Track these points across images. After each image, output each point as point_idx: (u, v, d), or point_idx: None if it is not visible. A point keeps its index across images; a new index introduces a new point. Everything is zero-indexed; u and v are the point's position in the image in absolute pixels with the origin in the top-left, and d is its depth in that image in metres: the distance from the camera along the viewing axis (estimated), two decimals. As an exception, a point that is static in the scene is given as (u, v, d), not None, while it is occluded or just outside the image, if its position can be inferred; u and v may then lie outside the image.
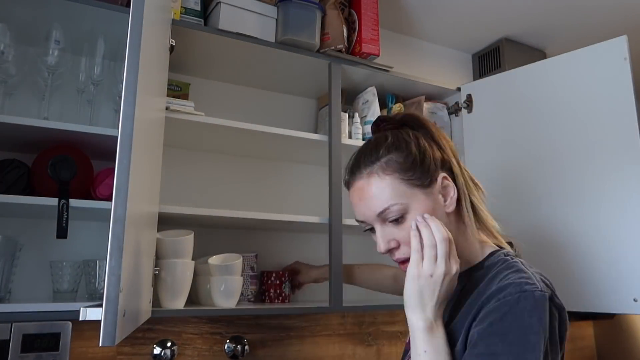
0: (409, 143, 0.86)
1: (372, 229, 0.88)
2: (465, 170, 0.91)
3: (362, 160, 0.87)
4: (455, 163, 0.89)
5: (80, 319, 0.75)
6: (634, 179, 1.40)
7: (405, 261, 0.84)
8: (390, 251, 0.86)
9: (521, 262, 0.83)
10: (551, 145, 1.60)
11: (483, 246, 0.90)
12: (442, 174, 0.86)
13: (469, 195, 0.88)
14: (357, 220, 0.91)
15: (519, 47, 2.24)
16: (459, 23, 2.10)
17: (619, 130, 1.44)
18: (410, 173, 0.83)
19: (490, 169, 1.75)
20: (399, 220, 0.83)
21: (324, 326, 1.76)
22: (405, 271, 0.83)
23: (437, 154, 0.87)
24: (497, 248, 0.90)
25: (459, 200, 0.87)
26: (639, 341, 2.46)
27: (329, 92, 1.60)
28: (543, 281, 0.79)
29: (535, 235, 1.60)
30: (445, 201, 0.86)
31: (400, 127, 0.92)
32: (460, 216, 0.88)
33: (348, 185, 0.91)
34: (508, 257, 0.85)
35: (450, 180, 0.87)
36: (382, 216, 0.84)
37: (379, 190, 0.84)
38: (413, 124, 0.92)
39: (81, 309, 0.76)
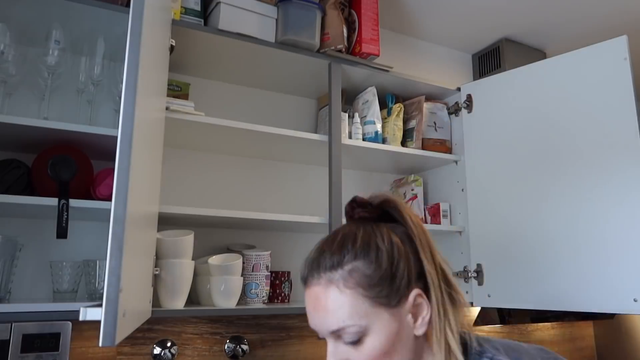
0: (380, 252, 0.73)
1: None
2: (440, 272, 0.76)
3: (323, 260, 0.74)
4: (431, 268, 0.74)
5: (80, 319, 0.75)
6: (633, 178, 1.40)
7: None
8: None
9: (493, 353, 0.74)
10: (551, 146, 1.60)
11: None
12: (416, 291, 0.73)
13: (444, 318, 0.73)
14: (311, 326, 0.78)
15: (519, 47, 2.24)
16: (459, 23, 2.10)
17: (619, 130, 1.44)
18: (378, 290, 0.71)
19: (490, 169, 1.75)
20: (355, 342, 0.70)
21: (324, 326, 1.76)
22: None
23: (412, 264, 0.74)
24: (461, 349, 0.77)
25: (430, 322, 0.74)
26: (639, 341, 2.46)
27: (329, 92, 1.60)
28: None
29: (535, 234, 1.60)
30: (415, 322, 0.73)
31: (376, 218, 0.79)
32: (429, 339, 0.75)
33: (305, 282, 0.78)
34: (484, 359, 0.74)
35: (425, 298, 0.74)
36: (337, 334, 0.72)
37: (336, 305, 0.71)
38: (393, 213, 0.79)
39: (81, 309, 0.76)
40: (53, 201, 1.16)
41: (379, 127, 1.73)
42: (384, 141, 1.76)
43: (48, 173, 1.20)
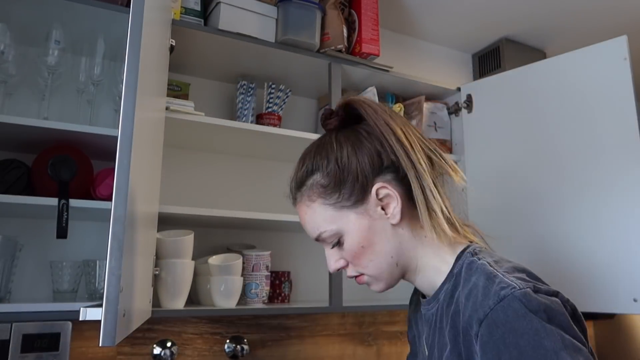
0: (329, 161, 0.78)
1: None
2: (420, 150, 0.76)
3: (293, 182, 0.83)
4: (403, 154, 0.75)
5: (80, 319, 0.75)
6: (634, 179, 1.40)
7: (356, 277, 0.80)
8: (338, 270, 0.81)
9: (487, 261, 0.71)
10: (551, 146, 1.60)
11: (452, 247, 0.78)
12: (377, 185, 0.75)
13: (425, 191, 0.74)
14: None
15: (519, 47, 2.24)
16: (459, 23, 2.10)
17: (619, 131, 1.44)
18: (335, 196, 0.76)
19: (490, 169, 1.75)
20: (336, 244, 0.78)
21: (324, 326, 1.76)
22: (361, 283, 0.80)
23: (373, 159, 0.76)
24: (465, 244, 0.78)
25: (412, 201, 0.76)
26: (639, 341, 2.46)
27: (329, 92, 1.60)
28: (520, 274, 0.67)
29: (535, 234, 1.60)
30: (387, 213, 0.76)
31: (339, 124, 0.83)
32: (416, 220, 0.77)
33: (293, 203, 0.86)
34: (474, 258, 0.72)
35: (390, 187, 0.75)
36: (320, 240, 0.80)
37: (309, 217, 0.80)
38: (353, 114, 0.81)
39: (81, 309, 0.76)
40: (53, 201, 1.15)
41: (379, 127, 1.73)
42: (384, 141, 1.76)
43: (48, 173, 1.20)
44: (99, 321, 0.70)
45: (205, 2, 1.53)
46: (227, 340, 1.57)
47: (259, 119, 1.62)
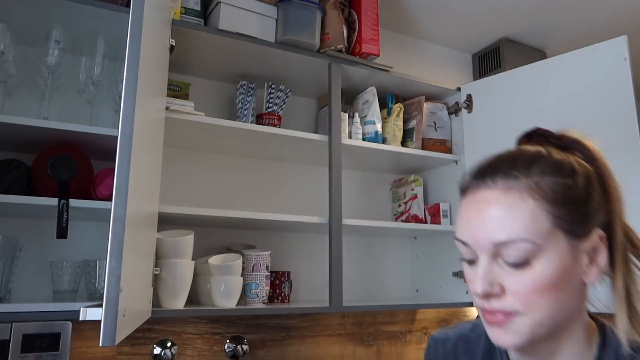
0: (575, 173, 0.63)
1: (472, 261, 0.63)
2: (631, 235, 0.66)
3: (502, 167, 0.63)
4: (619, 225, 0.65)
5: (81, 319, 0.76)
6: (634, 179, 1.40)
7: (499, 313, 0.60)
8: (486, 296, 0.61)
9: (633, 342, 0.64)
10: (551, 145, 1.60)
11: (588, 321, 0.68)
12: (600, 232, 0.62)
13: (623, 272, 0.64)
14: (459, 240, 0.65)
15: (519, 47, 2.24)
16: (459, 23, 2.10)
17: (619, 131, 1.44)
18: (564, 210, 0.60)
19: (490, 169, 1.75)
20: (519, 264, 0.59)
21: (324, 326, 1.76)
22: (493, 324, 0.61)
23: (603, 205, 0.65)
24: (600, 323, 0.70)
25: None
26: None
27: (329, 92, 1.60)
28: None
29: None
30: (590, 264, 0.62)
31: (565, 148, 0.68)
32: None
33: (466, 190, 0.67)
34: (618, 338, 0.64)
35: (606, 245, 0.63)
36: (500, 249, 0.60)
37: (512, 213, 0.59)
38: (584, 152, 0.68)
39: (81, 309, 0.76)
40: (53, 201, 1.15)
41: (379, 127, 1.73)
42: (384, 141, 1.76)
43: (48, 173, 1.20)
44: (99, 321, 0.70)
45: (205, 2, 1.53)
46: (227, 340, 1.57)
47: (259, 119, 1.62)
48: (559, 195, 0.60)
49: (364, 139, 1.71)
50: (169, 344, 1.46)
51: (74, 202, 1.18)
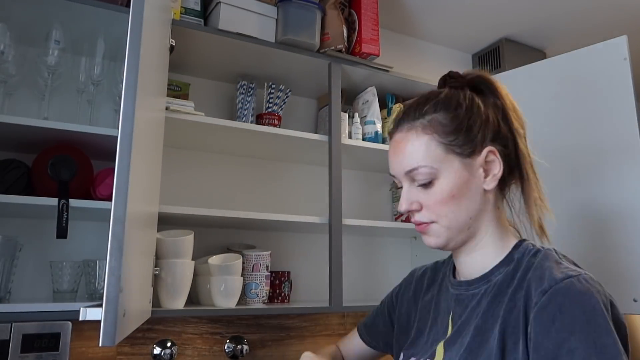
0: (460, 105, 0.79)
1: (401, 187, 0.83)
2: (529, 156, 0.82)
3: (407, 113, 0.82)
4: (517, 142, 0.80)
5: (80, 319, 0.75)
6: (633, 179, 1.40)
7: (422, 224, 0.80)
8: (410, 212, 0.81)
9: (555, 250, 0.77)
10: (551, 146, 1.60)
11: (509, 235, 0.82)
12: (490, 148, 0.78)
13: (521, 179, 0.80)
14: (390, 174, 0.85)
15: (519, 47, 2.24)
16: (459, 23, 2.10)
17: (619, 131, 1.44)
18: (452, 138, 0.77)
19: (490, 169, 1.75)
20: (426, 184, 0.78)
21: (324, 326, 1.76)
22: (421, 232, 0.81)
23: (493, 125, 0.79)
24: (521, 239, 0.83)
25: (503, 181, 0.81)
26: (639, 341, 2.46)
27: (329, 92, 1.60)
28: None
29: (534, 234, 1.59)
30: (485, 177, 0.78)
31: (464, 87, 0.84)
32: (500, 198, 0.82)
33: (390, 136, 0.86)
34: (539, 248, 0.78)
35: (498, 157, 0.78)
36: (410, 175, 0.79)
37: (413, 148, 0.78)
38: (483, 87, 0.83)
39: (81, 309, 0.76)
40: (53, 201, 1.15)
41: (379, 127, 1.73)
42: (384, 141, 1.76)
43: (48, 173, 1.20)
44: (99, 321, 0.70)
45: (205, 2, 1.53)
46: (227, 340, 1.57)
47: (259, 119, 1.62)
48: (446, 127, 0.77)
49: (364, 139, 1.71)
50: (168, 344, 1.46)
51: (74, 202, 1.18)
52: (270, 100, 1.65)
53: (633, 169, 1.40)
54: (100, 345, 0.68)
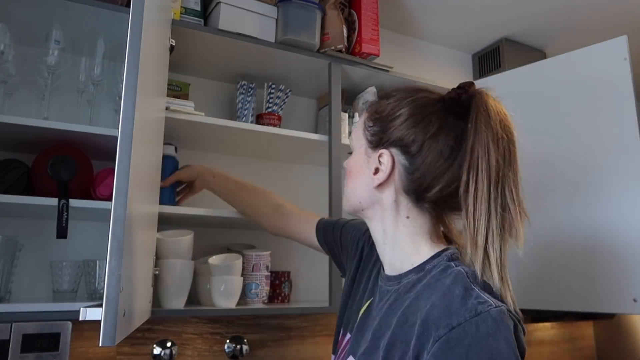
0: (394, 101, 0.81)
1: None
2: (484, 193, 0.72)
3: (381, 93, 0.89)
4: (469, 177, 0.72)
5: (80, 319, 0.75)
6: (633, 179, 1.40)
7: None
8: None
9: (464, 270, 0.71)
10: (551, 146, 1.60)
11: (430, 246, 0.78)
12: (385, 151, 0.78)
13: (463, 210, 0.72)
14: None
15: (519, 47, 2.24)
16: (459, 23, 2.10)
17: (619, 131, 1.44)
18: (371, 124, 0.83)
19: (490, 169, 1.75)
20: (349, 153, 0.87)
21: (324, 326, 1.76)
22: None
23: (407, 135, 0.76)
24: (443, 246, 0.78)
25: (417, 195, 0.77)
26: (639, 341, 2.46)
27: (329, 92, 1.60)
28: (488, 290, 0.68)
29: (534, 234, 1.59)
30: (374, 174, 0.80)
31: (450, 98, 0.80)
32: (416, 209, 0.78)
33: None
34: (451, 263, 0.73)
35: (388, 164, 0.77)
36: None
37: (359, 119, 0.88)
38: (472, 108, 0.77)
39: (81, 309, 0.76)
40: (53, 201, 1.15)
41: (379, 127, 1.73)
42: (384, 141, 1.76)
43: (48, 173, 1.20)
44: (99, 321, 0.70)
45: (205, 2, 1.53)
46: (227, 340, 1.57)
47: (259, 119, 1.62)
48: (374, 114, 0.83)
49: (364, 139, 1.70)
50: (168, 344, 1.46)
51: (74, 202, 1.18)
52: (270, 100, 1.65)
53: (633, 169, 1.40)
54: (100, 345, 0.68)
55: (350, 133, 1.68)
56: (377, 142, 0.81)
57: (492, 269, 0.71)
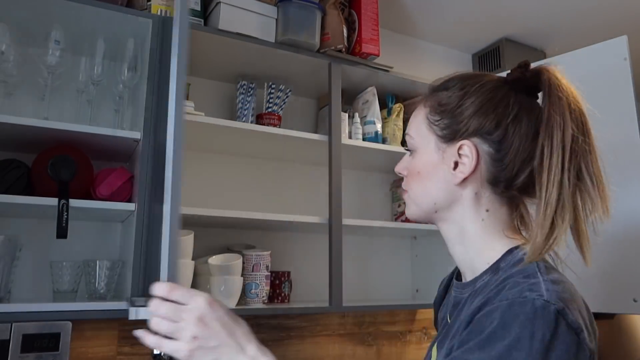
0: (458, 90, 0.76)
1: None
2: (563, 179, 0.69)
3: (435, 84, 0.84)
4: (543, 159, 0.70)
5: (130, 318, 0.75)
6: (633, 179, 1.40)
7: (404, 191, 0.81)
8: (399, 175, 0.83)
9: (542, 264, 0.69)
10: (551, 145, 1.60)
11: (505, 242, 0.74)
12: (466, 142, 0.73)
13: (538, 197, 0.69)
14: None
15: (519, 47, 2.24)
16: (459, 23, 2.10)
17: (619, 131, 1.44)
18: (437, 118, 0.76)
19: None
20: (411, 153, 0.80)
21: (324, 326, 1.76)
22: (403, 199, 0.82)
23: (487, 122, 0.72)
24: (520, 243, 0.74)
25: (498, 185, 0.73)
26: (639, 341, 2.46)
27: (329, 92, 1.60)
28: (562, 292, 0.64)
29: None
30: (454, 169, 0.74)
31: (517, 80, 0.79)
32: (494, 202, 0.74)
33: None
34: (523, 257, 0.70)
35: (473, 155, 0.72)
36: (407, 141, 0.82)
37: (414, 116, 0.81)
38: (543, 83, 0.77)
39: (130, 308, 0.75)
40: (53, 201, 1.15)
41: (379, 127, 1.73)
42: (384, 141, 1.76)
43: (48, 173, 1.20)
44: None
45: (205, 2, 1.53)
46: (227, 340, 1.57)
47: (259, 119, 1.62)
48: (437, 107, 0.77)
49: (364, 139, 1.71)
50: (169, 344, 1.46)
51: (74, 202, 1.18)
52: (270, 100, 1.65)
53: (633, 169, 1.40)
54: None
55: (350, 133, 1.68)
56: (452, 134, 0.74)
57: (556, 240, 0.69)
